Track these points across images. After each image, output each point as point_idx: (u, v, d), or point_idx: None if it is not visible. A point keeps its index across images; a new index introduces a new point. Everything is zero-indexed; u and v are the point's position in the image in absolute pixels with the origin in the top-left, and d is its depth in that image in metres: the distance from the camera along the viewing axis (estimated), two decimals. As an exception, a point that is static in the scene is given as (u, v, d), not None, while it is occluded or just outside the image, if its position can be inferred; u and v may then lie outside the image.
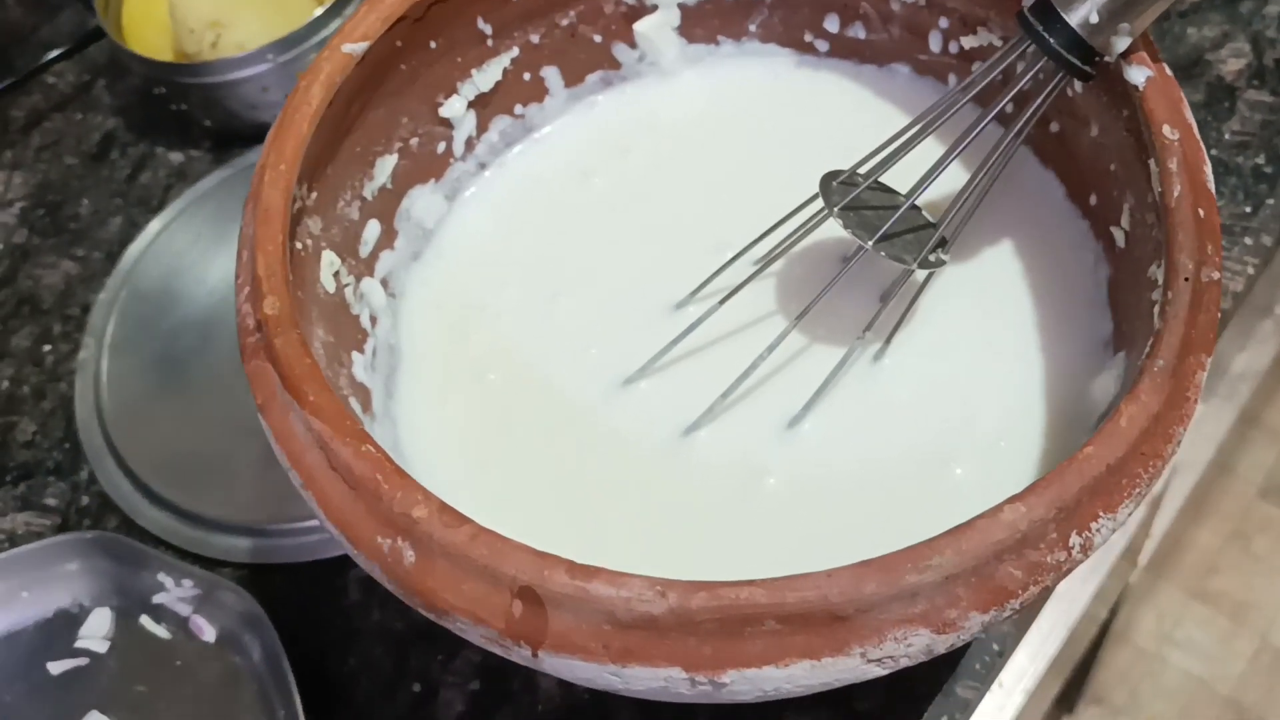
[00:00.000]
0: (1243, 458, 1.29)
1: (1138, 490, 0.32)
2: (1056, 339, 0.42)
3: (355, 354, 0.43)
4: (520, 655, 0.32)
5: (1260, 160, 0.58)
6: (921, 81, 0.50)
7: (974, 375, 0.42)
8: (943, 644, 0.31)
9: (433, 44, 0.46)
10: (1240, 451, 1.28)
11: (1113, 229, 0.42)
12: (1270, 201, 0.57)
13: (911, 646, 0.30)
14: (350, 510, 0.33)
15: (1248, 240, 0.56)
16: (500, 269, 0.49)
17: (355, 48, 0.42)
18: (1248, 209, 0.57)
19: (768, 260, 0.44)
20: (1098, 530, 0.32)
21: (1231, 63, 0.62)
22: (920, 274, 0.43)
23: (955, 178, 0.42)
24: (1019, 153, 0.45)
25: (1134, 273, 0.39)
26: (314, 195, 0.42)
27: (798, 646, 0.30)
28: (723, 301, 0.43)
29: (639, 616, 0.30)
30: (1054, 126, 0.45)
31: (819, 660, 0.30)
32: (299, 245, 0.41)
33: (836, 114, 0.51)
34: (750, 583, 0.30)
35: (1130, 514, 0.32)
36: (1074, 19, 0.36)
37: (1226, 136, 0.59)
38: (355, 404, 0.42)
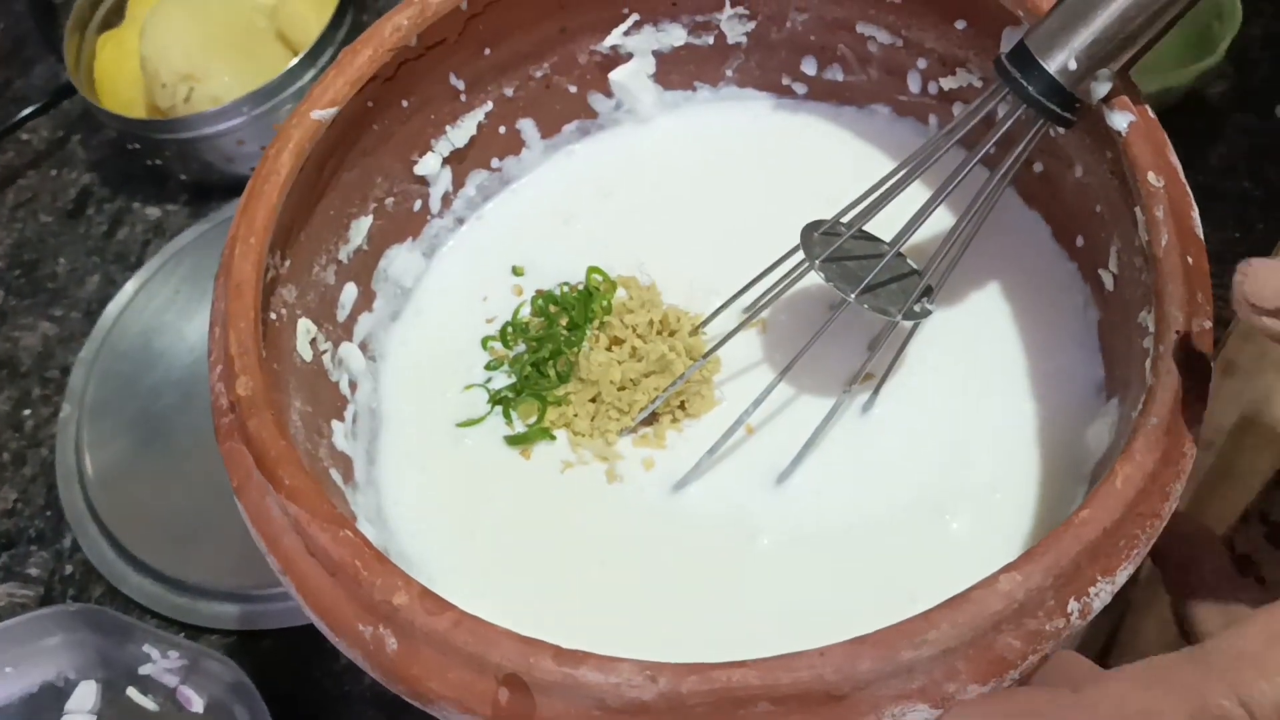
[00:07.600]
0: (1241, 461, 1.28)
1: (1136, 551, 0.31)
2: (1048, 385, 0.42)
3: (335, 422, 0.42)
4: (509, 743, 0.31)
5: (1248, 184, 0.58)
6: (902, 122, 0.49)
7: (966, 424, 0.42)
8: (942, 718, 0.30)
9: (405, 102, 0.45)
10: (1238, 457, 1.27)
11: (1100, 271, 0.41)
12: (1260, 226, 0.57)
13: (909, 723, 0.30)
14: (330, 596, 0.33)
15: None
16: (477, 323, 0.48)
17: (324, 114, 0.41)
18: (1236, 235, 0.56)
19: (754, 310, 0.43)
20: (1096, 594, 0.31)
21: (1216, 85, 0.61)
22: (907, 324, 0.42)
23: (940, 220, 0.42)
24: (1004, 193, 0.44)
25: (1125, 316, 0.39)
26: (287, 263, 0.41)
27: (793, 727, 0.29)
28: (707, 355, 0.42)
29: (629, 702, 0.29)
30: (1038, 167, 0.44)
31: (814, 740, 0.29)
32: (273, 315, 0.40)
33: (817, 155, 0.50)
34: (742, 664, 0.29)
35: (1129, 575, 0.31)
36: (1052, 66, 0.36)
37: (1213, 161, 0.59)
38: (336, 474, 0.41)
